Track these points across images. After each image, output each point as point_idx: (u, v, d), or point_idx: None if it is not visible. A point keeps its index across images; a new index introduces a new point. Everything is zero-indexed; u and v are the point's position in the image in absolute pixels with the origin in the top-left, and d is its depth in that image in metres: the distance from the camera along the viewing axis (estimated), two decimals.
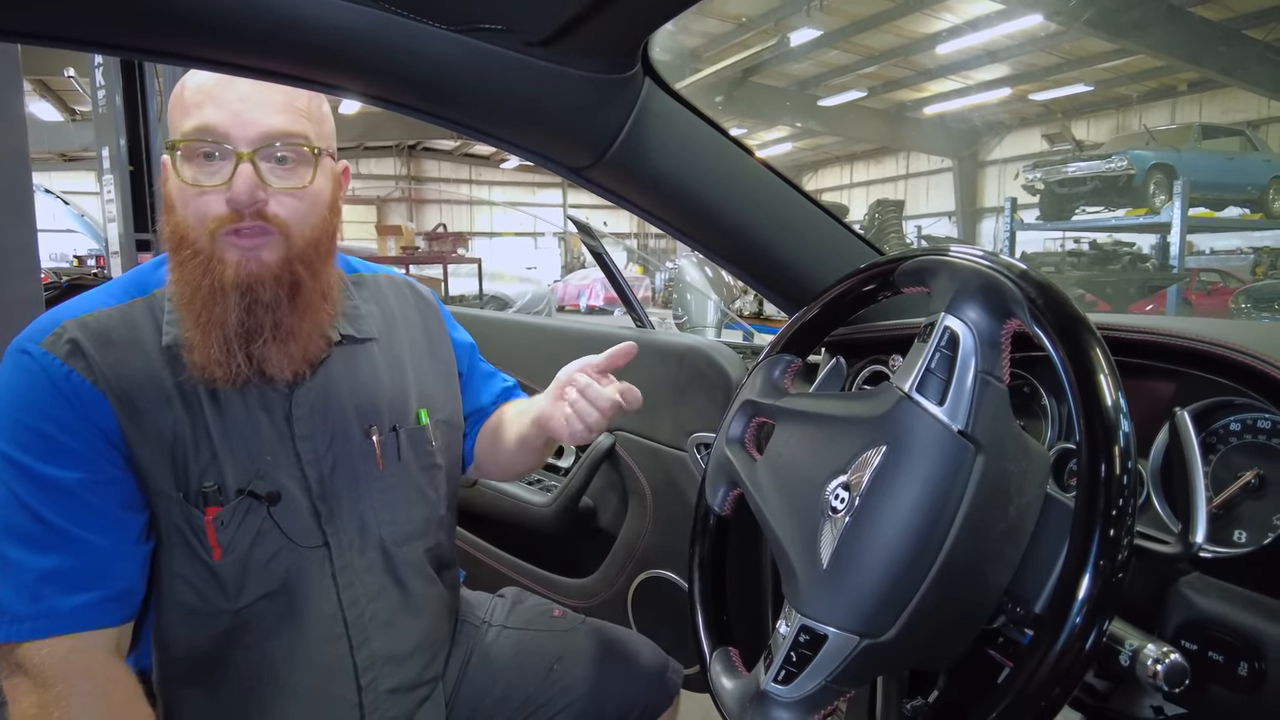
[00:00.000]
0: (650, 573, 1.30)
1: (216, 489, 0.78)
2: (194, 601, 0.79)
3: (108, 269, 5.55)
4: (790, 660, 0.59)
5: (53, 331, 0.75)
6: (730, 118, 16.13)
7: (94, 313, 0.77)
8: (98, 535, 0.74)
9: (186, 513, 0.77)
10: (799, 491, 0.64)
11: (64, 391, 0.73)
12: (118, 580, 0.75)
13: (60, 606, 0.72)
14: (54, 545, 0.72)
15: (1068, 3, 10.89)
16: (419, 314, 1.00)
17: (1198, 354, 0.69)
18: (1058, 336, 0.54)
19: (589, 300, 14.98)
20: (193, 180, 0.75)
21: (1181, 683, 0.53)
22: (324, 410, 0.85)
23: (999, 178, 20.22)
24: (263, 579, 0.80)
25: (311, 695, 0.83)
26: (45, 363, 0.73)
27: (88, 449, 0.73)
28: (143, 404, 0.76)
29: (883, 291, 0.72)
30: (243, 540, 0.79)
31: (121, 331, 0.77)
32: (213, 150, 0.75)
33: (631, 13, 0.67)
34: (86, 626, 0.73)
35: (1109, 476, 0.49)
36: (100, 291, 0.81)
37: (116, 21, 0.60)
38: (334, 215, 0.84)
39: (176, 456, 0.77)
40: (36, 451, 0.72)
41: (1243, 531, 0.66)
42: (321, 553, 0.84)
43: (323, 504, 0.83)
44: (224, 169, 0.75)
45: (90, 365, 0.74)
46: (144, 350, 0.77)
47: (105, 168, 4.91)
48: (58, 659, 0.71)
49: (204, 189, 0.75)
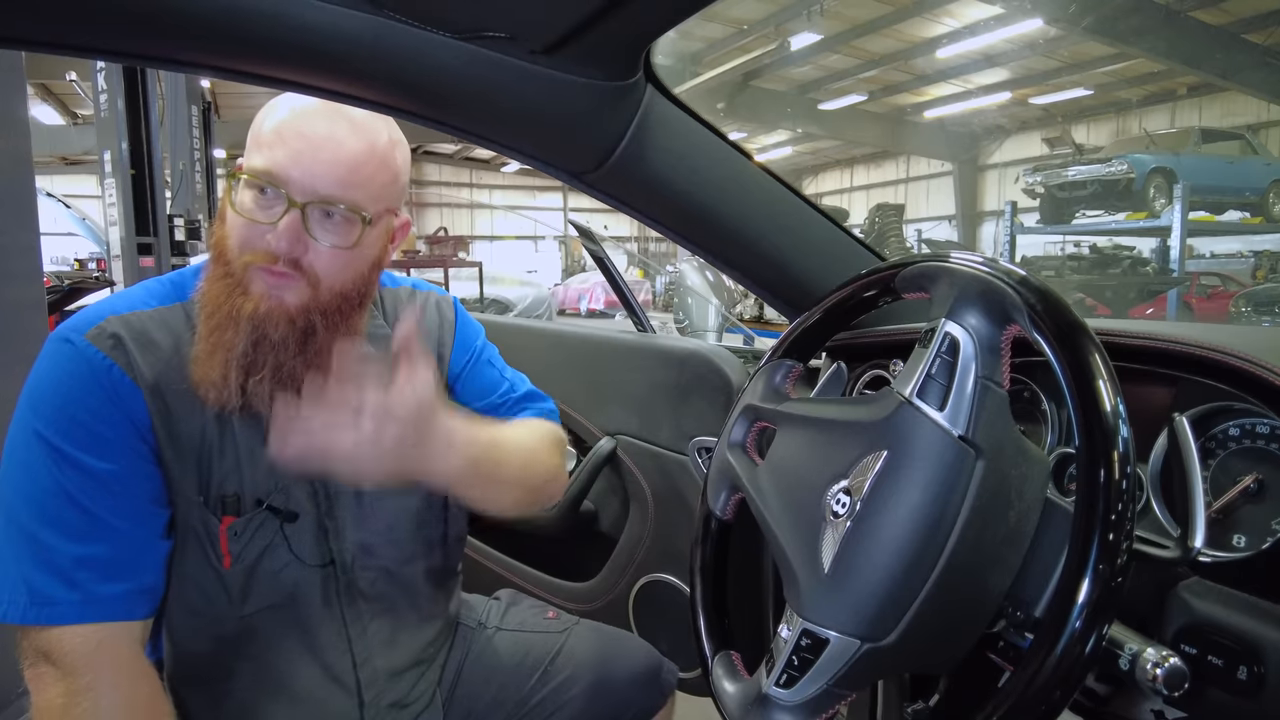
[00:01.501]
0: (651, 577, 1.31)
1: (236, 498, 0.79)
2: (200, 604, 0.79)
3: (109, 272, 5.55)
4: (792, 664, 0.59)
5: (97, 325, 0.75)
6: (731, 122, 16.17)
7: (136, 311, 0.78)
8: (132, 526, 0.74)
9: (204, 517, 0.78)
10: (800, 496, 0.65)
11: (104, 384, 0.73)
12: (147, 573, 0.76)
13: (98, 593, 0.72)
14: (91, 533, 0.72)
15: (1067, 7, 10.91)
16: (436, 330, 0.98)
17: (1196, 359, 0.69)
18: (1057, 342, 0.54)
19: (589, 304, 14.99)
20: (247, 210, 0.75)
21: (1181, 686, 0.54)
22: None
23: (999, 182, 20.24)
24: (268, 590, 0.81)
25: (314, 707, 0.84)
26: (89, 354, 0.74)
27: (123, 442, 0.74)
28: (175, 406, 0.76)
29: (884, 297, 0.72)
30: (252, 552, 0.80)
31: (160, 333, 0.78)
32: (273, 190, 0.75)
33: (634, 21, 0.68)
34: (120, 616, 0.73)
35: (1108, 481, 0.49)
36: (141, 289, 0.81)
37: (118, 29, 0.60)
38: (376, 270, 0.83)
39: (202, 461, 0.78)
40: (76, 440, 0.72)
41: (1242, 536, 0.67)
42: (327, 570, 0.84)
43: (330, 521, 0.84)
44: (276, 209, 0.74)
45: (130, 361, 0.75)
46: (180, 354, 0.78)
47: (107, 171, 4.93)
48: (88, 649, 0.71)
49: (253, 222, 0.75)
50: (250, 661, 0.82)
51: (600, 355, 1.42)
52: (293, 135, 0.75)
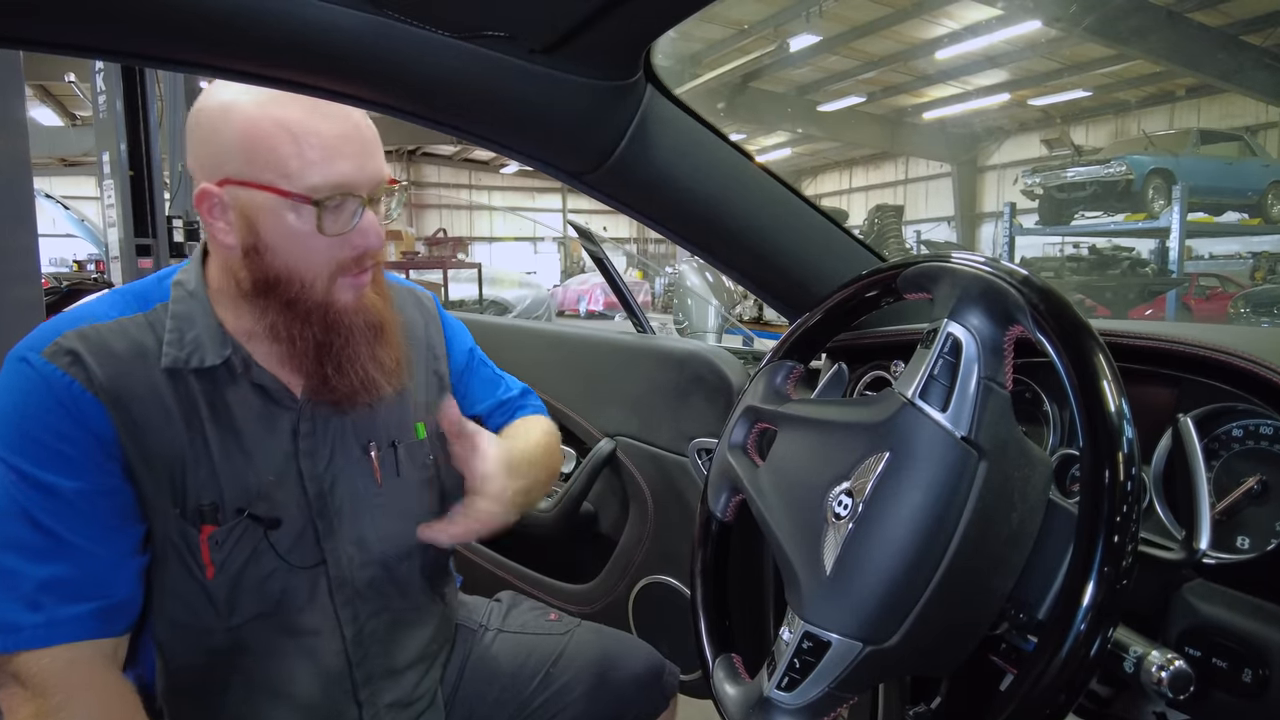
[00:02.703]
0: (651, 578, 1.30)
1: (214, 507, 0.77)
2: (186, 618, 0.78)
3: (108, 274, 5.55)
4: (793, 666, 0.59)
5: (53, 341, 0.74)
6: (730, 123, 16.17)
7: (95, 324, 0.76)
8: (97, 545, 0.73)
9: (182, 529, 0.77)
10: (801, 498, 0.64)
11: (64, 401, 0.72)
12: (117, 590, 0.75)
13: (61, 615, 0.71)
14: (54, 554, 0.72)
15: (1067, 8, 10.92)
16: (420, 323, 0.99)
17: (1200, 360, 0.69)
18: (1060, 342, 0.54)
19: (589, 305, 14.98)
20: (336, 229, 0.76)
21: (1186, 689, 0.53)
22: (325, 426, 0.84)
23: (998, 183, 20.26)
24: (256, 599, 0.80)
25: (311, 711, 0.83)
26: (45, 372, 0.73)
27: (87, 459, 0.73)
28: (142, 418, 0.75)
29: (885, 297, 0.72)
30: (236, 560, 0.78)
31: (122, 345, 0.76)
32: (335, 199, 0.76)
33: (634, 20, 0.67)
34: (86, 636, 0.73)
35: (1112, 482, 0.49)
36: (101, 302, 0.80)
37: (116, 28, 0.60)
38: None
39: (175, 473, 0.77)
40: (37, 460, 0.72)
41: (1246, 537, 0.66)
42: (318, 571, 0.83)
43: (322, 521, 0.83)
44: (346, 213, 0.76)
45: (90, 376, 0.73)
46: (145, 366, 0.76)
47: (106, 173, 4.92)
48: (57, 669, 0.71)
49: (343, 236, 0.77)
50: (243, 672, 0.81)
51: (599, 356, 1.41)
52: (337, 139, 0.76)
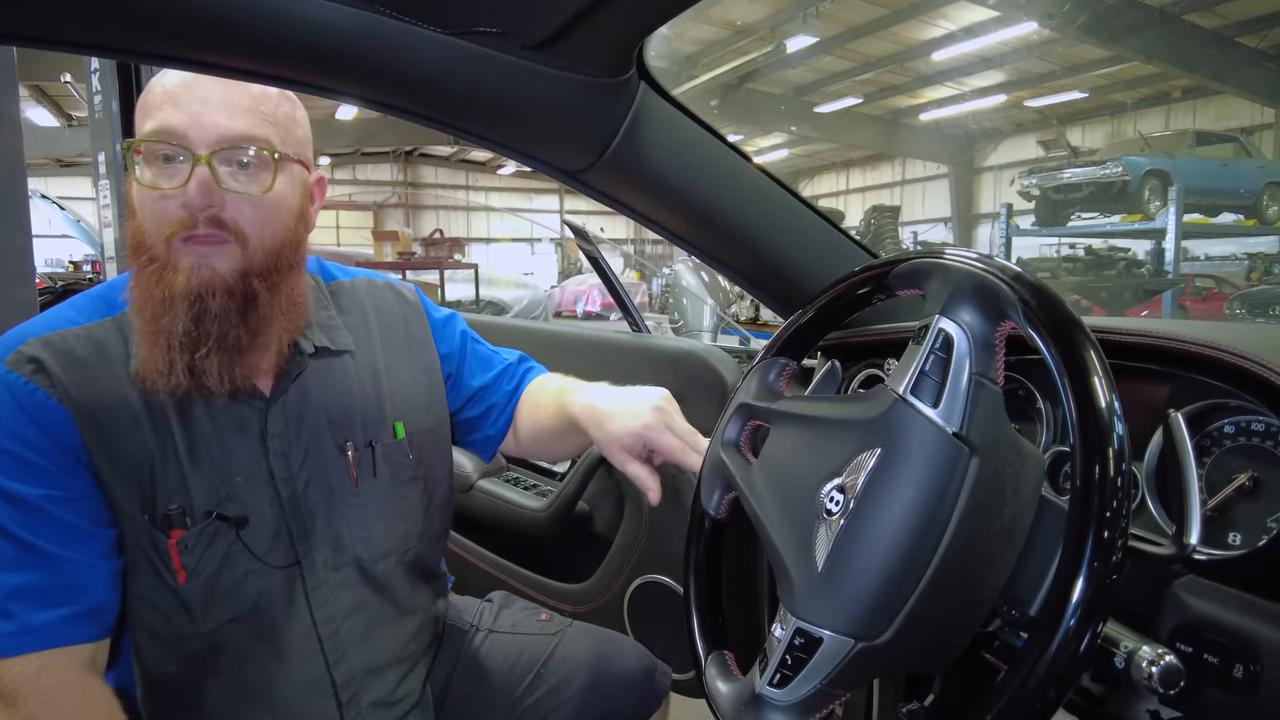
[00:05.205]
0: (646, 577, 1.30)
1: (181, 511, 0.76)
2: (160, 625, 0.78)
3: (103, 274, 5.53)
4: (785, 663, 0.58)
5: (16, 349, 0.73)
6: (727, 124, 16.16)
7: (59, 331, 0.76)
8: (68, 550, 0.73)
9: (150, 535, 0.76)
10: (794, 494, 0.64)
11: (28, 409, 0.72)
12: (90, 596, 0.74)
13: (33, 622, 0.70)
14: (24, 562, 0.71)
15: (1062, 9, 10.95)
16: (401, 318, 0.97)
17: (1192, 356, 0.69)
18: (1051, 338, 0.54)
19: (586, 306, 14.96)
20: (150, 183, 0.73)
21: (1177, 685, 0.53)
22: (299, 426, 0.83)
23: (995, 184, 20.29)
24: (230, 602, 0.79)
25: (292, 713, 0.83)
26: (9, 381, 0.72)
27: (55, 466, 0.72)
28: (108, 424, 0.74)
29: (877, 294, 0.72)
30: (209, 563, 0.78)
31: (88, 351, 0.76)
32: (172, 153, 0.73)
33: (626, 16, 0.67)
34: (59, 642, 0.72)
35: (1103, 479, 0.49)
36: (67, 307, 0.79)
37: (109, 24, 0.60)
38: (301, 225, 0.81)
39: (143, 479, 0.76)
40: (3, 469, 0.71)
41: (1237, 534, 0.66)
42: (293, 571, 0.82)
43: (295, 522, 0.82)
44: (181, 172, 0.73)
45: (54, 383, 0.73)
46: (112, 371, 0.76)
47: (101, 173, 4.89)
48: (28, 677, 0.70)
49: (162, 192, 0.73)
50: (220, 677, 0.80)
51: (595, 355, 1.41)
52: (181, 92, 0.73)
